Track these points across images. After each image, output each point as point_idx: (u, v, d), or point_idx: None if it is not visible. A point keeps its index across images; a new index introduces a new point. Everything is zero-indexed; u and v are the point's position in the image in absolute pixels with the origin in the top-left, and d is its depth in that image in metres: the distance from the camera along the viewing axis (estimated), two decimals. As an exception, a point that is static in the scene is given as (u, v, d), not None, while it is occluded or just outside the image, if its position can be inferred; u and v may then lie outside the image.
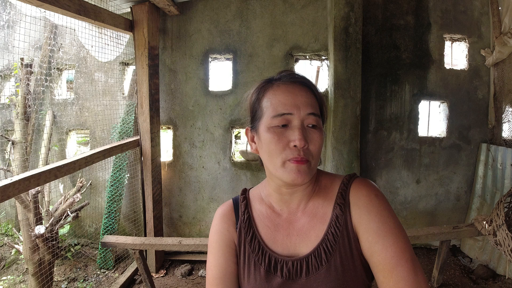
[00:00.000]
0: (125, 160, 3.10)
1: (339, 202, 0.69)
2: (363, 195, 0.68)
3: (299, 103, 0.66)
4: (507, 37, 2.72)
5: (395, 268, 0.60)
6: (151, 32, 2.76)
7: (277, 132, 0.66)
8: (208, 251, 0.78)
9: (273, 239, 0.73)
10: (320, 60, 3.20)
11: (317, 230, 0.70)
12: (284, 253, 0.71)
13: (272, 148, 0.66)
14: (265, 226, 0.75)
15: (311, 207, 0.73)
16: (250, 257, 0.73)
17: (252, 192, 0.82)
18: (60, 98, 3.49)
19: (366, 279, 0.68)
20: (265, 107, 0.69)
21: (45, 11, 2.11)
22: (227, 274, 0.74)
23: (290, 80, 0.69)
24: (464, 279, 2.73)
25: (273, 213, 0.76)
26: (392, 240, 0.62)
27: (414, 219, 3.21)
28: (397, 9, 3.06)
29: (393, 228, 0.63)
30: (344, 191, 0.70)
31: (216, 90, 3.23)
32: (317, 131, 0.66)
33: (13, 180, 1.62)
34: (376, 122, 3.13)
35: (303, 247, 0.70)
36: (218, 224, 0.79)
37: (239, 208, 0.79)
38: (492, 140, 3.06)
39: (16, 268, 3.13)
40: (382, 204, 0.67)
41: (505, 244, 1.77)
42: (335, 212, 0.69)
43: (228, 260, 0.75)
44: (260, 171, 3.25)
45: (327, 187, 0.74)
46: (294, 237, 0.72)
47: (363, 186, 0.70)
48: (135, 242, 2.26)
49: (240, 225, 0.76)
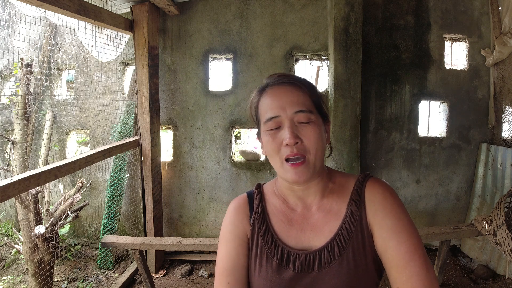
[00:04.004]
0: (125, 160, 3.10)
1: (355, 199, 0.72)
2: (379, 193, 0.70)
3: (284, 104, 0.68)
4: (507, 37, 2.73)
5: (409, 263, 0.62)
6: (151, 32, 2.76)
7: (271, 134, 0.69)
8: (219, 243, 0.79)
9: (287, 233, 0.75)
10: (320, 60, 3.20)
11: (331, 225, 0.72)
12: (297, 246, 0.73)
13: (269, 150, 0.70)
14: (278, 220, 0.77)
15: (325, 203, 0.74)
16: (263, 250, 0.74)
17: (266, 186, 0.84)
18: (60, 98, 3.49)
19: (375, 275, 0.69)
20: (260, 114, 0.73)
21: (45, 11, 2.11)
22: (237, 266, 0.74)
23: (276, 83, 0.72)
24: (464, 279, 2.73)
25: (287, 208, 0.77)
26: (406, 237, 0.64)
27: (414, 219, 3.15)
28: (397, 9, 3.06)
29: (407, 225, 0.66)
30: (360, 188, 0.73)
31: (216, 90, 3.22)
32: (310, 126, 0.68)
33: (13, 180, 1.62)
34: (376, 122, 3.13)
35: (317, 241, 0.72)
36: (231, 216, 0.80)
37: (253, 202, 0.81)
38: (492, 140, 3.06)
39: (16, 268, 3.13)
40: (396, 202, 0.69)
41: (505, 244, 1.77)
42: (350, 208, 0.71)
43: (239, 252, 0.76)
44: (260, 171, 3.25)
45: (342, 185, 0.76)
46: (307, 232, 0.73)
47: (378, 184, 0.72)
48: (135, 242, 2.26)
49: (254, 218, 0.78)
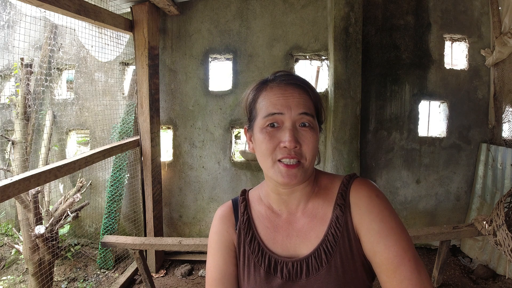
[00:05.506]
0: (125, 160, 3.10)
1: (339, 203, 0.69)
2: (364, 196, 0.68)
3: (291, 103, 0.66)
4: (507, 37, 2.72)
5: (398, 268, 0.60)
6: (151, 32, 2.76)
7: (269, 132, 0.66)
8: (207, 253, 0.78)
9: (273, 240, 0.73)
10: (320, 60, 3.20)
11: (317, 231, 0.70)
12: (284, 254, 0.71)
13: (263, 148, 0.67)
14: (264, 227, 0.75)
15: (310, 208, 0.72)
16: (250, 258, 0.73)
17: (252, 193, 0.82)
18: (60, 98, 3.49)
19: (366, 280, 0.67)
20: (258, 108, 0.70)
21: (45, 11, 2.11)
22: (226, 276, 0.73)
23: (283, 81, 0.70)
24: (464, 279, 2.73)
25: (272, 213, 0.75)
26: (394, 240, 0.62)
27: (414, 219, 3.21)
28: (397, 9, 3.05)
29: (395, 227, 0.64)
30: (344, 191, 0.70)
31: (216, 90, 3.22)
32: (310, 131, 0.66)
33: (13, 180, 1.62)
34: (376, 122, 3.13)
35: (303, 248, 0.70)
36: (217, 226, 0.79)
37: (238, 209, 0.79)
38: (492, 140, 3.06)
39: (16, 268, 3.13)
40: (383, 204, 0.66)
41: (505, 244, 1.77)
42: (335, 213, 0.69)
43: (227, 261, 0.75)
44: (260, 171, 3.24)
45: (327, 187, 0.74)
46: (294, 238, 0.71)
47: (364, 186, 0.70)
48: (135, 242, 2.26)
49: (240, 226, 0.76)
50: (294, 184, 0.66)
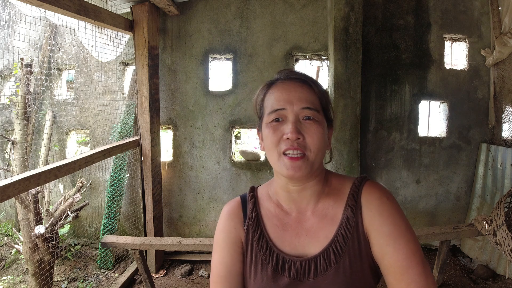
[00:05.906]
0: (125, 160, 3.10)
1: (351, 204, 0.69)
2: (375, 198, 0.68)
3: (293, 98, 0.67)
4: (507, 37, 2.72)
5: (407, 271, 0.60)
6: (151, 32, 2.76)
7: (273, 126, 0.68)
8: (213, 249, 0.78)
9: (281, 239, 0.73)
10: (320, 60, 3.20)
11: (327, 231, 0.70)
12: (292, 252, 0.71)
13: (269, 142, 0.68)
14: (273, 225, 0.75)
15: (321, 208, 0.72)
16: (258, 256, 0.72)
17: (260, 190, 0.82)
18: (60, 98, 3.49)
19: (372, 281, 0.68)
20: (265, 106, 0.72)
21: (45, 11, 2.11)
22: (232, 272, 0.73)
23: (287, 77, 0.71)
24: (464, 279, 2.73)
25: (281, 212, 0.75)
26: (404, 243, 0.63)
27: (414, 219, 3.21)
28: (397, 9, 3.05)
29: (404, 230, 0.64)
30: (356, 193, 0.70)
31: (216, 90, 3.22)
32: (314, 123, 0.67)
33: (13, 180, 1.61)
34: (376, 122, 3.13)
35: (312, 247, 0.70)
36: (225, 222, 0.79)
37: (247, 206, 0.79)
38: (492, 140, 3.06)
39: (16, 268, 3.13)
40: (394, 207, 0.67)
41: (505, 244, 1.77)
42: (346, 213, 0.69)
43: (233, 258, 0.74)
44: (260, 171, 3.25)
45: (338, 188, 0.74)
46: (302, 237, 0.71)
47: (375, 188, 0.70)
48: (135, 242, 2.26)
49: (248, 223, 0.76)
50: (299, 177, 0.66)
